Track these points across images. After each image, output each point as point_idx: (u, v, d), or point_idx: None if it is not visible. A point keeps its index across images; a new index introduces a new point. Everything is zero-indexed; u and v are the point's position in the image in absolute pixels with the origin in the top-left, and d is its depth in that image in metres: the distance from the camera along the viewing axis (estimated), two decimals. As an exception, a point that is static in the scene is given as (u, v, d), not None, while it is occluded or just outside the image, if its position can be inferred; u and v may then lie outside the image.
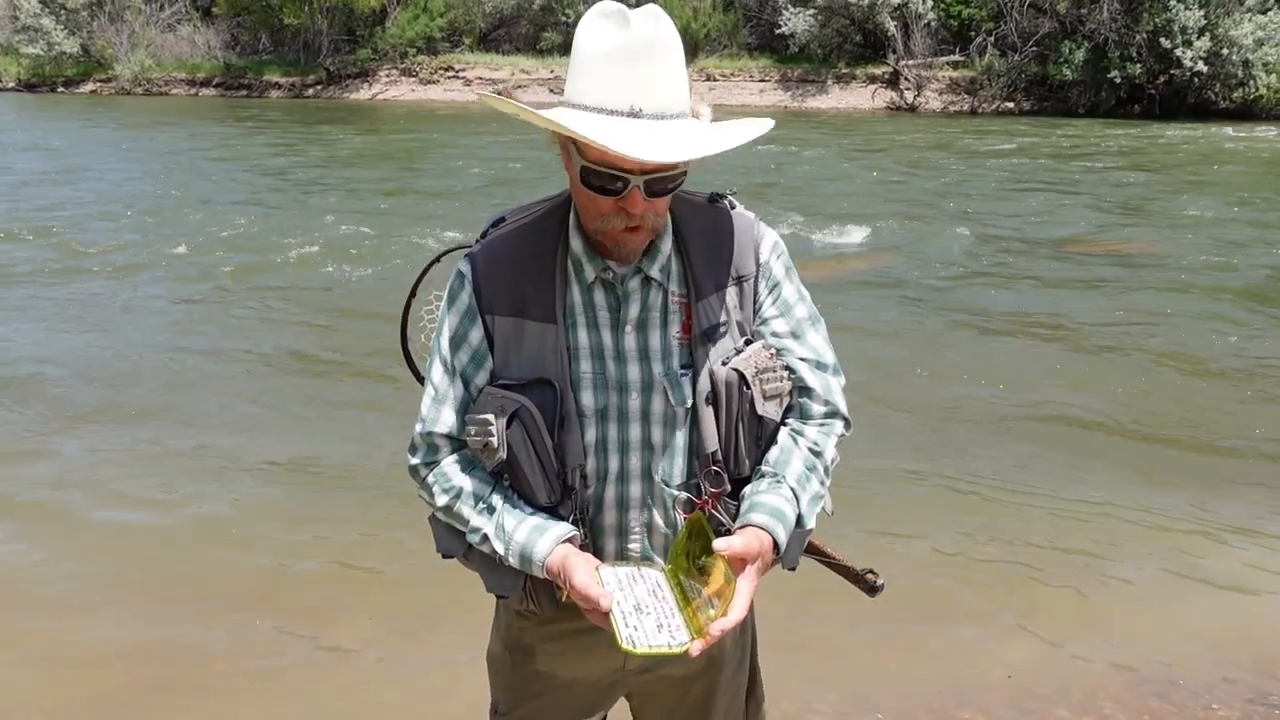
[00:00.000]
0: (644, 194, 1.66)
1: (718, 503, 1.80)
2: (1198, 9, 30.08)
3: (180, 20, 42.89)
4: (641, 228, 1.71)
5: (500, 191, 14.97)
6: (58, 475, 5.30)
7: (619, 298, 1.79)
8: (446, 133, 25.14)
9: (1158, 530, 4.74)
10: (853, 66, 35.94)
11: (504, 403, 1.74)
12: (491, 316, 1.79)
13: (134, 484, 5.22)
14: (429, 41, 40.13)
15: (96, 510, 4.94)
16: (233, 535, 4.72)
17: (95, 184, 15.87)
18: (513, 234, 1.83)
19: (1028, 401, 6.38)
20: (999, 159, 19.84)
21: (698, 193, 1.89)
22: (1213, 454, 5.64)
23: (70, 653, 3.80)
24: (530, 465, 1.75)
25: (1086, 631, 3.94)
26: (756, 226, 1.88)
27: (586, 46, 1.64)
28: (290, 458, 5.58)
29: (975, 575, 4.35)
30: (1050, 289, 9.39)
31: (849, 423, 1.91)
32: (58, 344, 7.58)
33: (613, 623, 1.63)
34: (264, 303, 8.86)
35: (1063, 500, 5.01)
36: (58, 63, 41.62)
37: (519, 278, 1.79)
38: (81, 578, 4.35)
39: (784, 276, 1.88)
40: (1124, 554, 4.50)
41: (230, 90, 40.48)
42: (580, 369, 1.78)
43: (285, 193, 15.26)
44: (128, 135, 24.02)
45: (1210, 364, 7.15)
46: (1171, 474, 5.36)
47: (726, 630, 1.61)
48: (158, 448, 5.67)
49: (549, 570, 1.73)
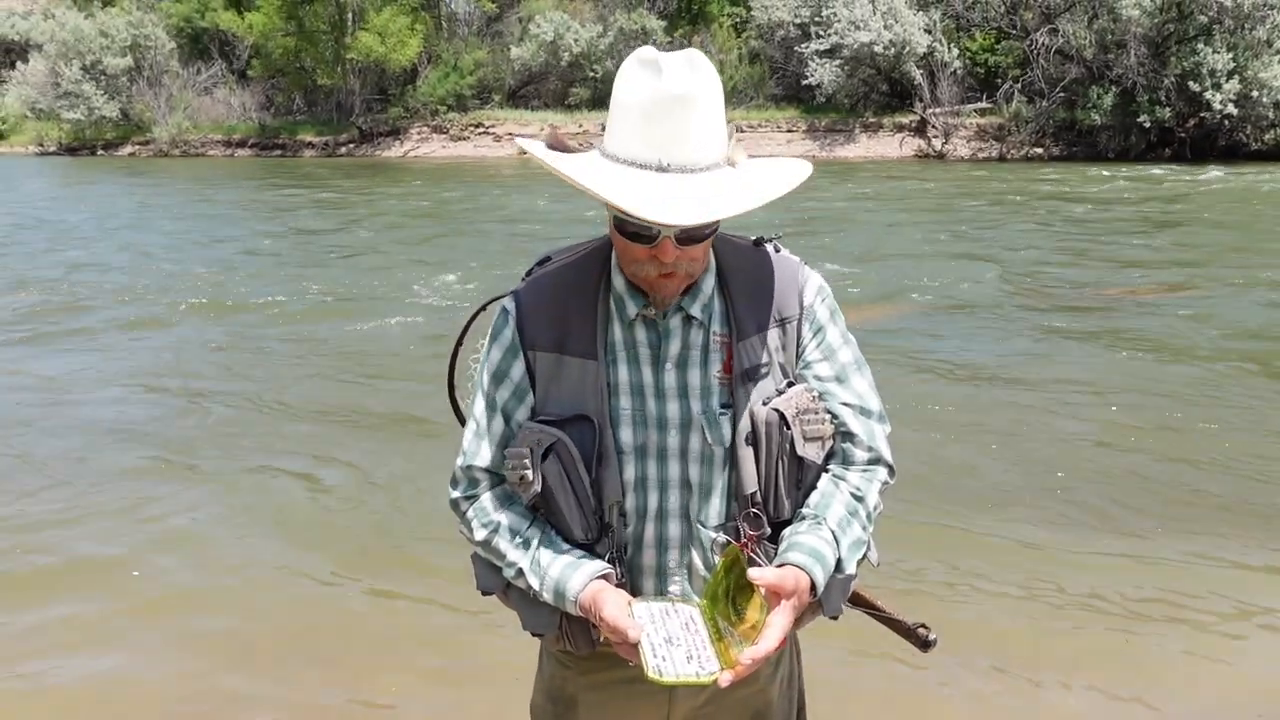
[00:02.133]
0: (675, 243, 1.67)
1: (757, 545, 1.77)
2: (1226, 52, 30.06)
3: (216, 83, 43.89)
4: (675, 275, 1.71)
5: (536, 245, 15.08)
6: (106, 527, 5.33)
7: (660, 335, 1.79)
8: (481, 188, 25.42)
9: (1219, 575, 4.62)
10: (880, 115, 36.15)
11: (541, 437, 1.74)
12: (534, 352, 1.80)
13: (174, 529, 5.24)
14: (459, 99, 40.80)
15: (136, 556, 4.96)
16: (274, 582, 4.71)
17: (140, 239, 16.15)
18: (557, 272, 1.84)
19: (1071, 446, 6.27)
20: (1028, 204, 19.78)
21: (743, 236, 1.89)
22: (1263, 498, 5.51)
23: (111, 694, 3.79)
24: (566, 500, 1.75)
25: (1145, 681, 3.83)
26: (801, 270, 1.87)
27: (620, 96, 1.65)
28: (333, 504, 5.59)
29: (1030, 625, 4.25)
30: (1089, 335, 9.29)
31: (893, 470, 1.87)
32: (103, 390, 7.66)
33: (641, 653, 1.60)
34: (306, 355, 8.93)
35: (1113, 549, 4.90)
36: (97, 126, 42.61)
37: (561, 314, 1.79)
38: (123, 623, 4.35)
39: (828, 320, 1.86)
40: (1183, 601, 4.39)
41: (265, 150, 41.27)
42: (620, 405, 1.77)
43: (316, 249, 15.45)
44: (175, 195, 24.46)
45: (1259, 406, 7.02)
46: (1225, 519, 5.23)
47: (757, 660, 1.58)
48: (197, 493, 5.69)
49: (581, 606, 1.71)
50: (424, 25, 41.33)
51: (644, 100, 1.61)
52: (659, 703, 1.89)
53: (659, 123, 1.60)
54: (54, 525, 5.37)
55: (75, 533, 5.29)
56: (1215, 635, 4.16)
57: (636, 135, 1.62)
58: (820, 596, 1.74)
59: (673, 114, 1.60)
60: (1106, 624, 4.23)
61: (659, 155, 1.60)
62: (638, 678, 1.67)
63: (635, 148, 1.62)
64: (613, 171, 1.62)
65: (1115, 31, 31.76)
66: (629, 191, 1.58)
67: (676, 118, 1.60)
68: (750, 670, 1.60)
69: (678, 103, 1.60)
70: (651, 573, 1.81)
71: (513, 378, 1.82)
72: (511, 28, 43.13)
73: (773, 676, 1.97)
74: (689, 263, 1.71)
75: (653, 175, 1.60)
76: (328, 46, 41.14)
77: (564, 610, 1.77)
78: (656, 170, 1.60)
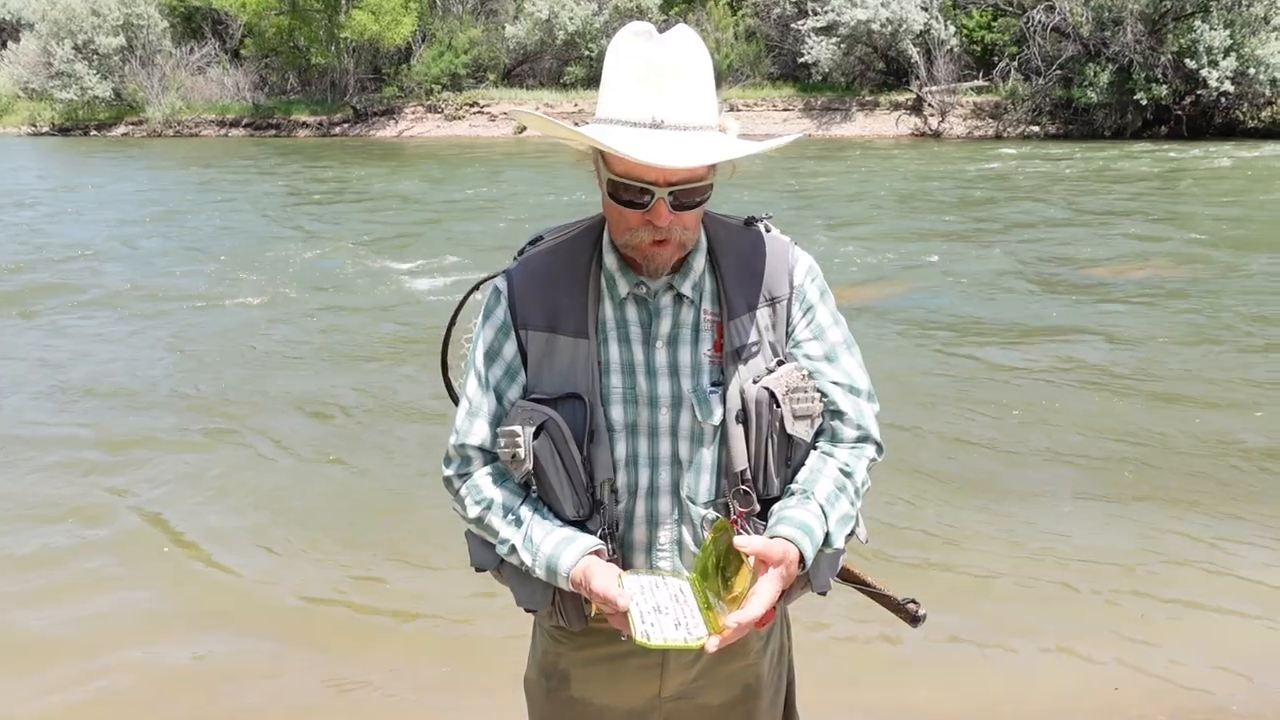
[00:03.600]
0: (670, 207, 1.69)
1: (746, 522, 1.79)
2: (1223, 29, 29.95)
3: (210, 63, 43.60)
4: (669, 241, 1.73)
5: (529, 226, 15.07)
6: (110, 499, 5.36)
7: (651, 313, 1.81)
8: (476, 167, 25.36)
9: (1210, 552, 4.66)
10: (876, 94, 36.03)
11: (532, 415, 1.77)
12: (525, 331, 1.82)
13: (178, 510, 5.27)
14: (454, 78, 40.59)
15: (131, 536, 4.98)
16: (267, 563, 4.73)
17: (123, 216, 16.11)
18: (549, 251, 1.87)
19: (1066, 426, 6.30)
20: (1024, 182, 19.77)
21: (734, 216, 1.91)
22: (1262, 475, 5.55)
23: (109, 682, 3.81)
24: (558, 478, 1.77)
25: (1136, 652, 3.87)
26: (792, 250, 1.88)
27: (615, 63, 1.68)
28: (330, 488, 5.61)
29: (1018, 599, 4.29)
30: (1089, 310, 9.31)
31: (881, 448, 1.89)
32: (119, 365, 7.66)
33: (629, 620, 1.62)
34: (303, 339, 8.93)
35: (1097, 521, 4.94)
36: (90, 107, 42.37)
37: (553, 293, 1.82)
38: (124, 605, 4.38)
39: (818, 300, 1.88)
40: (1171, 575, 4.43)
41: (259, 130, 41.07)
42: (611, 383, 1.79)
43: (310, 224, 15.43)
44: (171, 175, 24.38)
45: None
46: (1215, 496, 5.27)
47: (743, 625, 1.61)
48: (202, 474, 5.71)
49: (574, 581, 1.73)
50: (418, 3, 41.08)
51: (639, 63, 1.65)
52: (651, 677, 1.92)
53: (653, 85, 1.64)
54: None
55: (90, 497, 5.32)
56: (1201, 606, 4.20)
57: (631, 96, 1.65)
58: (809, 570, 1.76)
59: (666, 76, 1.64)
60: (1091, 594, 4.27)
61: (654, 112, 1.64)
62: (630, 653, 1.70)
63: (631, 107, 1.65)
64: (610, 129, 1.66)
65: (1112, 9, 31.61)
66: (625, 140, 1.61)
67: (670, 79, 1.64)
68: (737, 635, 1.62)
69: (671, 66, 1.64)
70: (643, 548, 1.83)
71: (505, 357, 1.84)
72: (506, 6, 42.86)
73: (763, 651, 1.99)
74: (682, 230, 1.73)
75: (647, 130, 1.64)
76: (321, 25, 40.87)
77: (556, 586, 1.78)
78: (651, 126, 1.64)
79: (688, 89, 1.65)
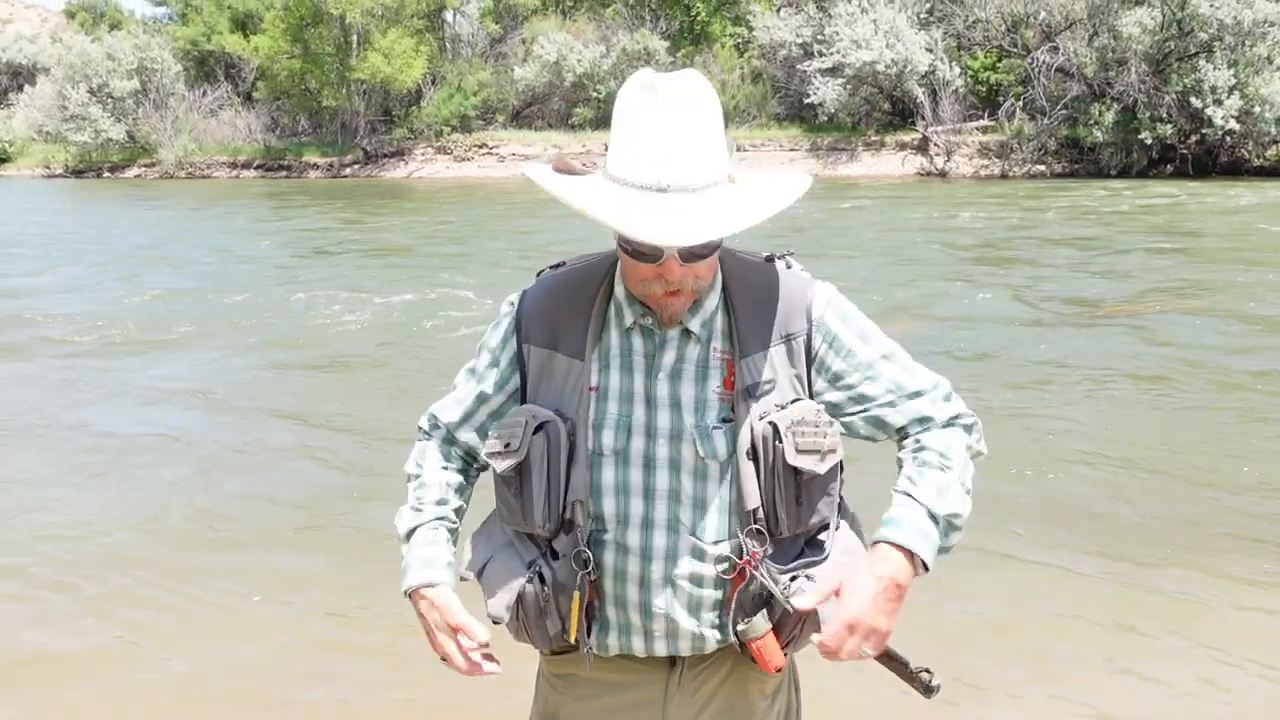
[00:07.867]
0: (680, 261, 1.69)
1: (760, 563, 1.76)
2: (1227, 69, 30.15)
3: (222, 105, 44.18)
4: (681, 292, 1.73)
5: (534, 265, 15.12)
6: (110, 541, 5.35)
7: (656, 345, 1.81)
8: (487, 208, 25.49)
9: (1212, 598, 4.62)
10: (882, 134, 36.26)
11: (536, 414, 1.82)
12: (528, 346, 1.88)
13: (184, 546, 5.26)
14: (463, 120, 40.99)
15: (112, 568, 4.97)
16: (271, 603, 4.71)
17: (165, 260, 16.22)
18: (565, 273, 1.92)
19: (1067, 464, 6.28)
20: (1030, 221, 19.81)
21: (754, 253, 1.90)
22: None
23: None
24: (539, 480, 1.79)
25: (1126, 698, 3.83)
26: (811, 286, 1.85)
27: (620, 120, 1.69)
28: (338, 523, 5.60)
29: (1016, 642, 4.25)
30: (1092, 352, 9.30)
31: (956, 419, 1.86)
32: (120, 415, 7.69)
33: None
34: (310, 376, 8.96)
35: (1102, 568, 4.90)
36: (104, 149, 42.83)
37: (559, 313, 1.86)
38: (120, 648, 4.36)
39: (841, 326, 1.84)
40: (1170, 620, 4.39)
41: (270, 171, 41.47)
42: (606, 409, 1.81)
43: (321, 268, 15.51)
44: (191, 216, 24.57)
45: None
46: (1222, 541, 5.23)
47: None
48: (209, 513, 5.71)
49: (414, 595, 1.85)
50: (428, 46, 41.59)
51: (643, 123, 1.64)
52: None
53: (658, 145, 1.63)
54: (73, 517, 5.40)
55: (95, 536, 5.32)
56: (1204, 658, 4.15)
57: (637, 157, 1.65)
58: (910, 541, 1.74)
59: (671, 136, 1.63)
60: (1092, 642, 4.23)
61: (659, 177, 1.63)
62: (632, 705, 1.67)
63: (636, 170, 1.64)
64: (614, 194, 1.65)
65: (1116, 49, 31.89)
66: (629, 214, 1.61)
67: (675, 140, 1.63)
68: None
69: (675, 125, 1.63)
70: (635, 581, 1.80)
71: (500, 364, 1.92)
72: (515, 49, 43.42)
73: (769, 709, 1.96)
74: (695, 280, 1.73)
75: (653, 195, 1.63)
76: (333, 69, 41.40)
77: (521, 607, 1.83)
78: (657, 191, 1.63)
79: (694, 147, 1.64)
